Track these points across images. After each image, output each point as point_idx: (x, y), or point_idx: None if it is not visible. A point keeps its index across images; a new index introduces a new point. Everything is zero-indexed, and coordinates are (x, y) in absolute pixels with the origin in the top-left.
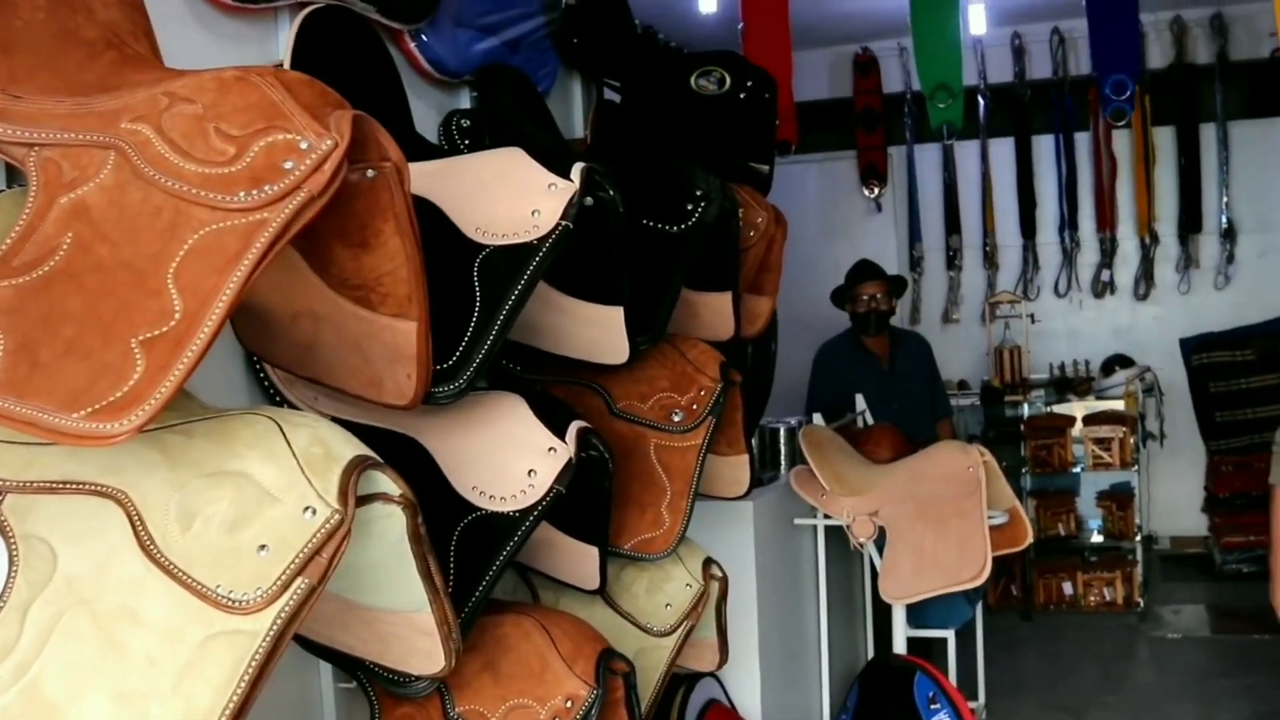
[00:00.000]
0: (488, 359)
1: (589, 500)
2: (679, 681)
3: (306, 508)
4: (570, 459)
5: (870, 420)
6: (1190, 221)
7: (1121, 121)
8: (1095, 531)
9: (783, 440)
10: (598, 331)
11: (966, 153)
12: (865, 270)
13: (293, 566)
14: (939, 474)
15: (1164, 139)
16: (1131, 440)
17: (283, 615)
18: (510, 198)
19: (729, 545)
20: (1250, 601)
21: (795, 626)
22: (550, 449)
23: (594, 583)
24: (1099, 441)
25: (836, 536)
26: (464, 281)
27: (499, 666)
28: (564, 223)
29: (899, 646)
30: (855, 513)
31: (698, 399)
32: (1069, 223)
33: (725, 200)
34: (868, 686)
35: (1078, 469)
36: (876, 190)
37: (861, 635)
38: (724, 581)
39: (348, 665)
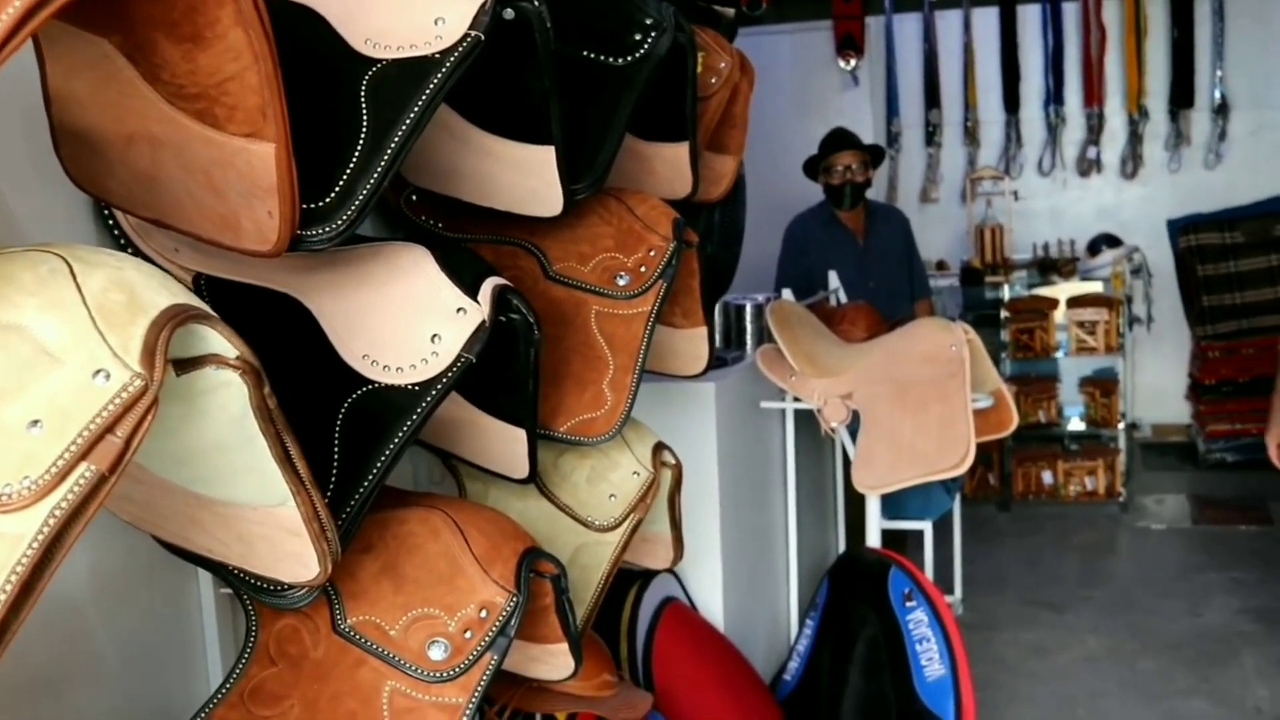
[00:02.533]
0: (373, 195)
1: (512, 374)
2: (632, 578)
3: (97, 371)
4: (483, 321)
5: (844, 299)
6: (1181, 97)
7: None
8: (1077, 419)
9: (749, 318)
10: (525, 177)
11: (948, 23)
12: (840, 139)
13: (75, 448)
14: (919, 353)
15: (1156, 9)
16: (1117, 324)
17: (58, 513)
18: (409, 3)
19: (688, 430)
20: (1234, 491)
21: (761, 518)
22: (459, 310)
23: (523, 470)
24: (1082, 325)
25: (806, 422)
26: (349, 102)
27: (401, 570)
28: (474, 33)
29: (872, 540)
30: (827, 395)
31: (646, 260)
32: (1055, 97)
33: (680, 34)
34: (838, 583)
35: (1060, 354)
36: (853, 62)
37: (832, 528)
38: (678, 469)
39: (213, 568)
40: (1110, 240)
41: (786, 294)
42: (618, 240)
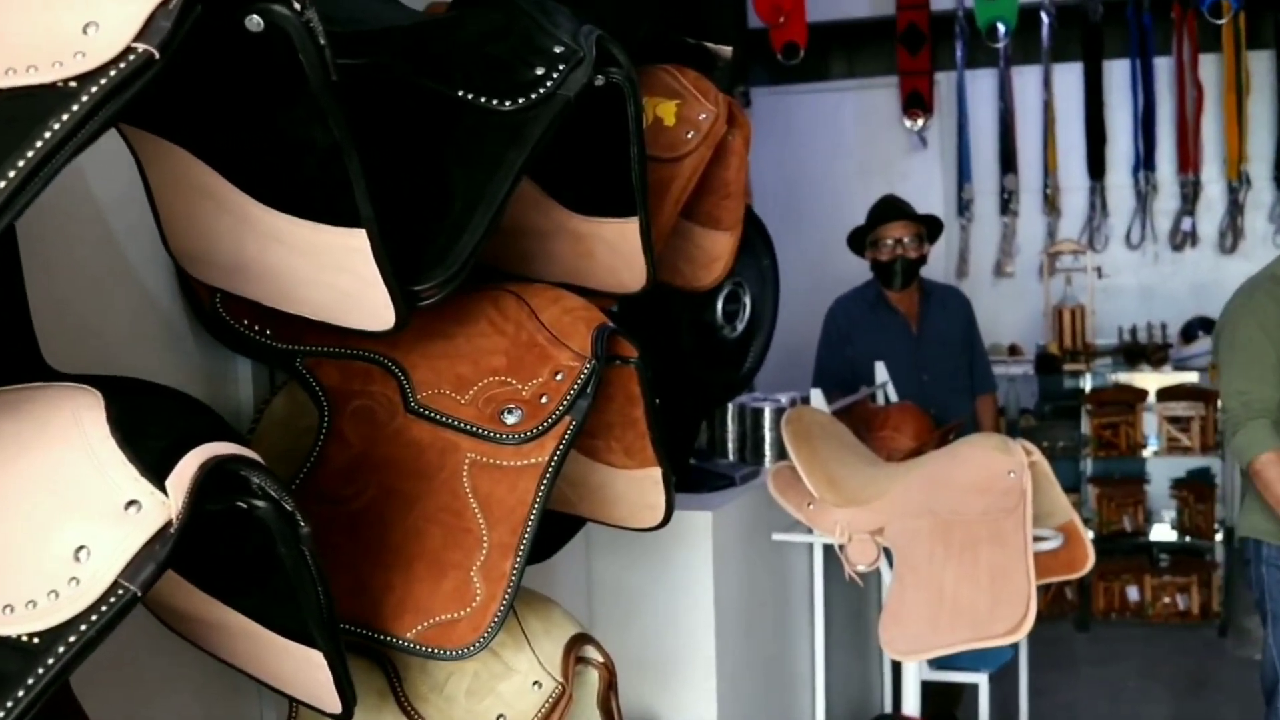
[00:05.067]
0: None
1: (277, 583)
2: None
3: None
4: (170, 521)
5: (893, 396)
6: None
7: (1222, 19)
8: (1167, 527)
9: (767, 424)
10: (331, 272)
11: (1026, 80)
12: (889, 208)
13: None
14: (969, 481)
15: (1260, 65)
16: (1214, 419)
17: None
18: (49, 5)
19: (679, 566)
20: None
21: (778, 669)
22: (130, 504)
23: (334, 704)
24: (1175, 420)
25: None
26: None
27: None
28: (142, 48)
29: (909, 704)
30: (852, 530)
31: (549, 388)
32: (1145, 162)
33: (614, 72)
34: None
35: (1149, 452)
36: (920, 121)
37: (876, 671)
38: (607, 668)
39: None
40: (1206, 325)
41: (815, 395)
42: (512, 357)
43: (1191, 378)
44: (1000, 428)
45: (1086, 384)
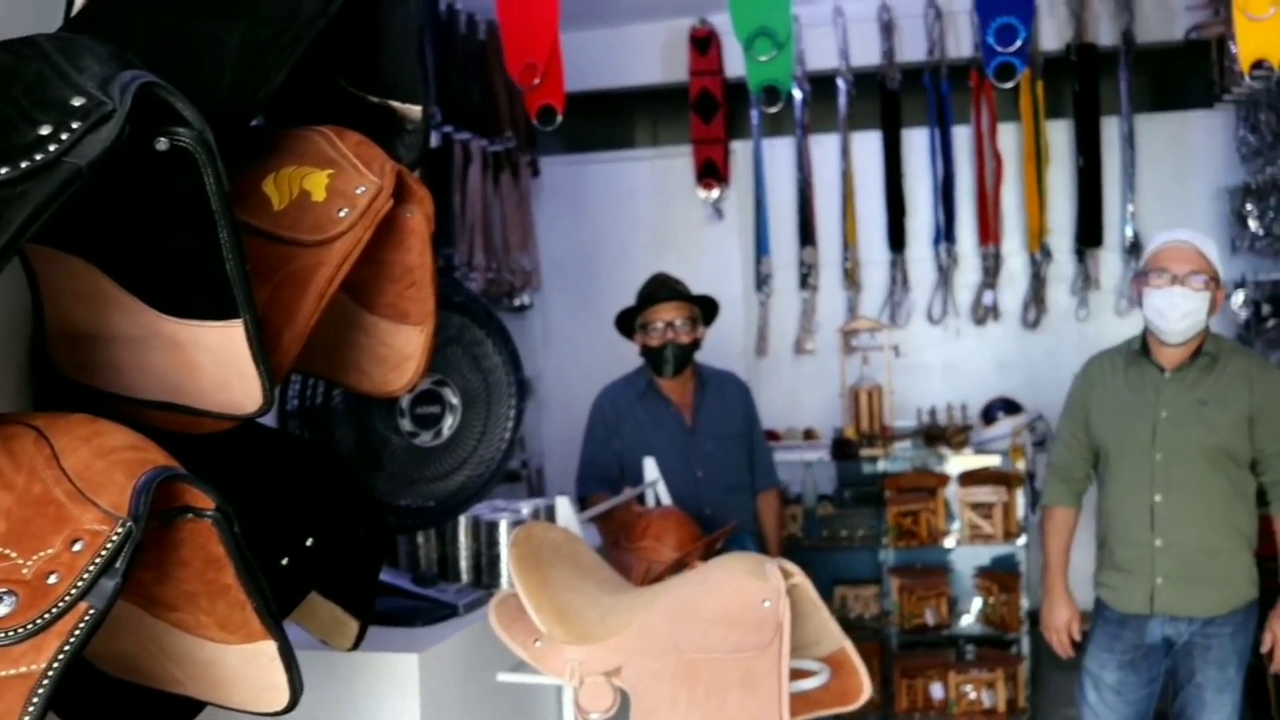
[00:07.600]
0: None
1: None
2: None
3: None
4: None
5: (664, 497)
6: (1089, 234)
7: (1009, 83)
8: (973, 618)
9: (503, 540)
10: None
11: (824, 149)
12: (659, 287)
13: None
14: (718, 612)
15: (1059, 135)
16: (1017, 505)
17: None
18: None
19: None
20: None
21: None
22: None
23: None
24: (977, 507)
25: None
26: None
27: None
28: None
29: None
30: (584, 672)
31: (61, 563)
32: (945, 234)
33: (181, 132)
34: None
35: (951, 540)
36: (716, 191)
37: None
38: None
39: None
40: (1008, 406)
41: (561, 504)
42: (16, 519)
43: (994, 461)
44: (783, 526)
45: (886, 468)
